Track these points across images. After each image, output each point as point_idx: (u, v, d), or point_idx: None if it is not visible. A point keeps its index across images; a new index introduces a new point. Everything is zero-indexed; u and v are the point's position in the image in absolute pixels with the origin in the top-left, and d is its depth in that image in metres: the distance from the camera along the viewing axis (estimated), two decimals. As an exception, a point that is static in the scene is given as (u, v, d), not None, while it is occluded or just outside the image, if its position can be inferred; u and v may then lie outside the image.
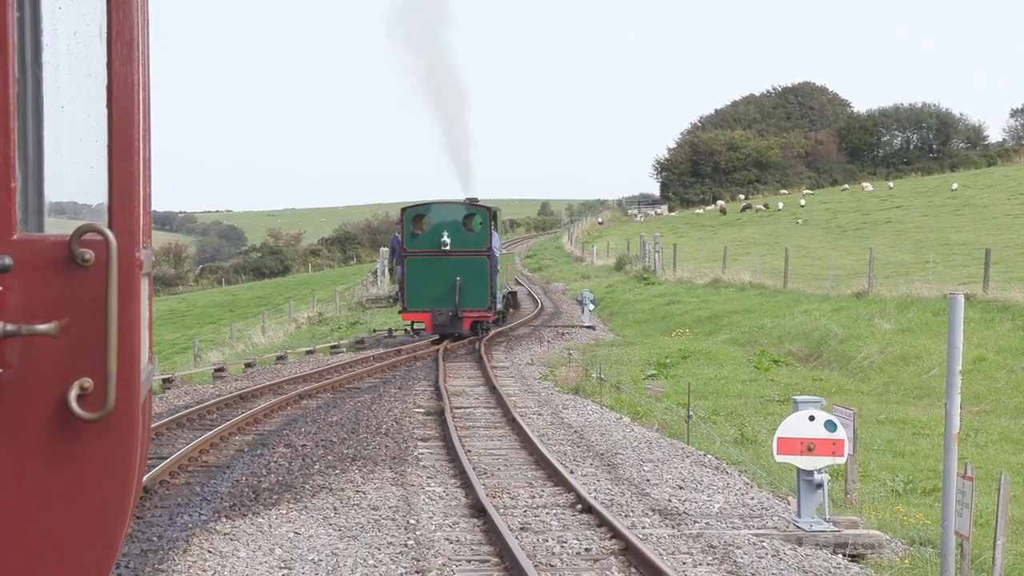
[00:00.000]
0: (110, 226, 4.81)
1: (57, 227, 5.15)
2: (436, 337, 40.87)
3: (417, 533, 14.05)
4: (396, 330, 45.47)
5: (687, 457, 19.25)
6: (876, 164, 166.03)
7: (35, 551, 4.73)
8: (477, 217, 41.05)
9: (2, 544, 4.62)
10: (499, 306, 42.61)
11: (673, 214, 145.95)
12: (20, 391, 4.69)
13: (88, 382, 4.73)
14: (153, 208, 6.37)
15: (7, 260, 4.33)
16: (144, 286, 5.33)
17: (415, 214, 41.01)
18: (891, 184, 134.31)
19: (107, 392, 4.71)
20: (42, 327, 4.64)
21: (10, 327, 4.59)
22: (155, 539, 13.69)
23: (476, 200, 42.33)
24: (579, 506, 15.35)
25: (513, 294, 49.31)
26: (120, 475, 4.85)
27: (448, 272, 39.86)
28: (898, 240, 78.56)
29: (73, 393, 4.72)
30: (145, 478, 15.45)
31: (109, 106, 4.90)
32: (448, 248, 39.92)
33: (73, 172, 5.59)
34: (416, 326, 41.55)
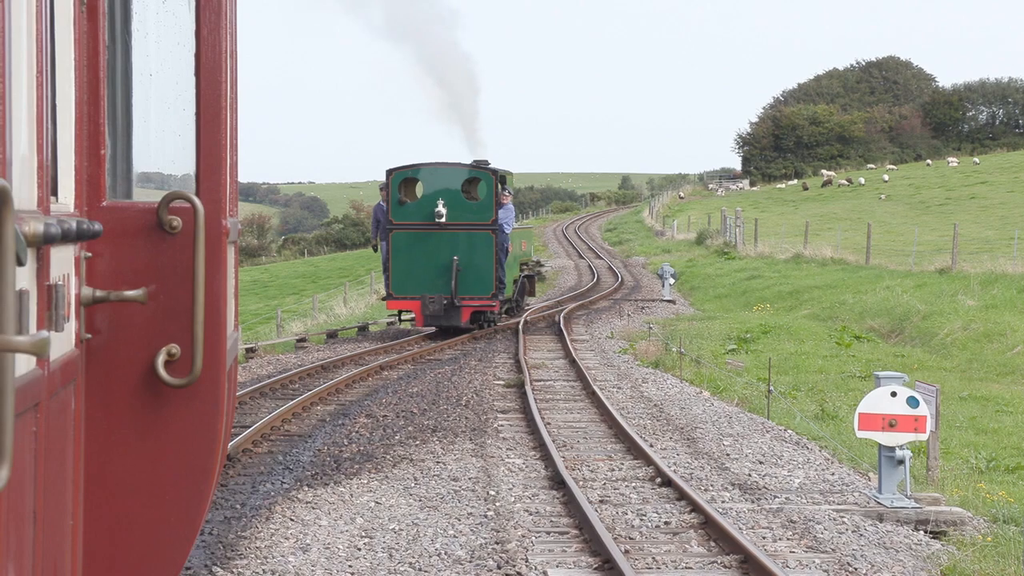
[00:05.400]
0: (197, 194, 4.86)
1: (145, 197, 5.20)
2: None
3: (497, 504, 14.09)
4: None
5: (767, 432, 19.17)
6: (961, 139, 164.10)
7: (125, 514, 4.79)
8: (481, 183, 33.82)
9: (93, 506, 4.68)
10: (508, 293, 35.26)
11: (754, 189, 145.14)
12: (109, 356, 4.75)
13: (175, 348, 4.78)
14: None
15: (97, 226, 4.37)
16: (230, 254, 5.37)
17: (403, 177, 33.57)
18: (976, 159, 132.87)
19: (194, 358, 4.75)
20: (130, 293, 4.69)
21: (99, 293, 4.64)
22: (238, 506, 13.80)
23: (486, 163, 34.82)
24: (658, 480, 15.33)
25: (529, 278, 41.00)
26: (206, 440, 4.89)
27: (443, 250, 32.91)
28: (983, 216, 77.81)
29: (160, 359, 4.77)
30: (229, 446, 15.63)
31: (197, 74, 4.94)
32: (443, 220, 32.78)
33: (161, 140, 5.65)
34: (404, 316, 35.21)
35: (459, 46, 77.15)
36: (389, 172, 33.32)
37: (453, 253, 32.76)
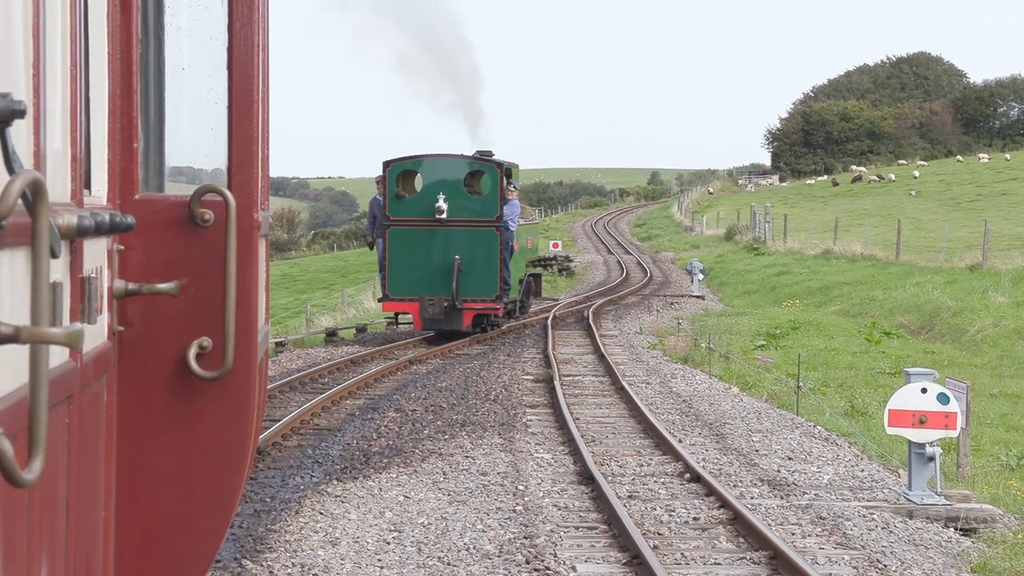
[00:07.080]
0: (229, 187, 4.87)
1: (177, 191, 5.22)
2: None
3: (526, 499, 14.09)
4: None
5: (796, 428, 19.13)
6: (992, 135, 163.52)
7: (156, 506, 4.81)
8: (485, 175, 31.48)
9: (124, 499, 4.70)
10: (513, 295, 32.65)
11: (784, 184, 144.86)
12: (141, 349, 4.77)
13: (207, 341, 4.80)
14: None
15: (129, 219, 4.39)
16: (262, 247, 5.38)
17: (402, 170, 31.20)
18: (1008, 156, 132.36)
19: (225, 351, 4.77)
20: (162, 286, 4.71)
21: (132, 286, 4.66)
22: (268, 500, 13.83)
23: (490, 154, 32.40)
24: (687, 475, 15.30)
25: (536, 277, 38.75)
26: (237, 433, 4.91)
27: (443, 248, 30.45)
28: (1014, 212, 77.52)
29: (192, 352, 4.78)
30: (259, 439, 15.62)
31: (229, 68, 4.95)
32: (444, 216, 30.31)
33: (193, 134, 5.66)
34: (401, 319, 32.53)
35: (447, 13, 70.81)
36: (386, 164, 30.97)
37: (454, 252, 30.39)
